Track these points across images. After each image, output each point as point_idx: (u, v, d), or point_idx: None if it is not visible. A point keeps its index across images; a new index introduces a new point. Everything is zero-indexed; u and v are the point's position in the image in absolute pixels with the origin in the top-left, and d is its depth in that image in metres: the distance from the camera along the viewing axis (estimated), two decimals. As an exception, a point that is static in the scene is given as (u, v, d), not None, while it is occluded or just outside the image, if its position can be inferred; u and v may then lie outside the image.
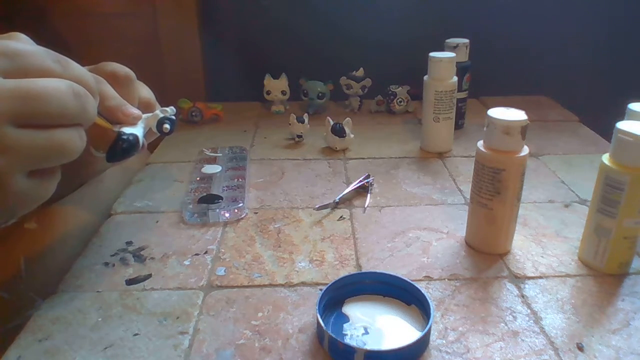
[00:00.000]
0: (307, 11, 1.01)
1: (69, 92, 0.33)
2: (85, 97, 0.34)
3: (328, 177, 0.71)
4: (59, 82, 0.33)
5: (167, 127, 0.46)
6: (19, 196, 0.33)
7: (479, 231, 0.53)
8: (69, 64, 0.34)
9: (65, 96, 0.32)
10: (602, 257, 0.49)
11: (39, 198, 0.35)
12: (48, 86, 0.32)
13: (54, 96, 0.32)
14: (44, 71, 0.33)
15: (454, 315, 0.44)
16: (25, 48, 0.33)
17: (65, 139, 0.33)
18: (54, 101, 0.32)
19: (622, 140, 0.45)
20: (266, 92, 0.95)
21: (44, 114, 0.32)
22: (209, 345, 0.41)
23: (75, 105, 0.33)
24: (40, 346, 0.41)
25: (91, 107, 0.35)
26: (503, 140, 0.48)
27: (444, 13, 1.00)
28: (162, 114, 0.47)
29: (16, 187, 0.32)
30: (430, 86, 0.74)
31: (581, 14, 1.01)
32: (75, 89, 0.33)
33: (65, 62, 0.34)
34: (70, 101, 0.33)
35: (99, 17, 1.02)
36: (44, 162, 0.33)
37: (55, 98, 0.32)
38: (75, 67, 0.35)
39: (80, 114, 0.34)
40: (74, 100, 0.33)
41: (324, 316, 0.42)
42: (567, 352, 0.40)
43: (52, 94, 0.32)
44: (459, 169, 0.73)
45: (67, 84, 0.33)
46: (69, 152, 0.34)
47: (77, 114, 0.34)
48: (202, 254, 0.53)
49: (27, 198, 0.34)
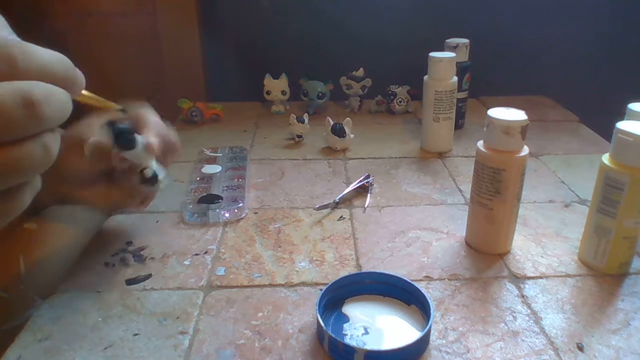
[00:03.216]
0: (307, 11, 1.01)
1: (14, 105, 0.25)
2: (45, 101, 0.26)
3: (328, 177, 0.71)
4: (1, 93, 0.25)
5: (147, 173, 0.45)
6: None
7: (479, 231, 0.53)
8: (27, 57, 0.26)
9: (10, 110, 0.25)
10: (602, 257, 0.49)
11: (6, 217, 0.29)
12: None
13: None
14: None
15: (454, 315, 0.44)
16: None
17: (18, 157, 0.26)
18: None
19: (622, 140, 0.45)
20: (266, 92, 0.95)
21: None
22: (209, 345, 0.41)
23: (27, 116, 0.26)
24: (40, 346, 0.41)
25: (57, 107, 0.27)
26: (503, 140, 0.48)
27: (444, 13, 1.01)
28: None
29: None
30: (430, 86, 0.74)
31: (581, 14, 1.01)
32: (25, 97, 0.25)
33: (21, 56, 0.26)
34: (18, 115, 0.25)
35: (99, 17, 1.02)
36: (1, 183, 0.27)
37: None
38: (32, 59, 0.26)
39: (36, 125, 0.26)
40: (22, 113, 0.25)
41: (324, 316, 0.42)
42: (567, 352, 0.40)
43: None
44: (459, 169, 0.73)
45: (13, 93, 0.25)
46: (28, 169, 0.27)
47: (31, 126, 0.26)
48: (202, 254, 0.53)
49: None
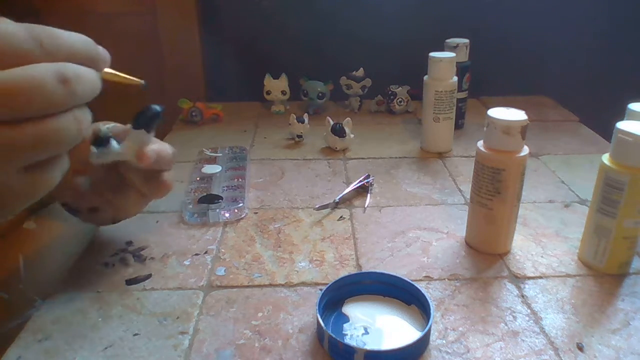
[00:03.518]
0: (307, 11, 1.01)
1: (51, 80, 0.29)
2: (77, 79, 0.30)
3: (328, 177, 0.71)
4: (39, 70, 0.28)
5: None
6: (16, 192, 0.31)
7: (479, 231, 0.53)
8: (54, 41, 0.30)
9: (48, 86, 0.28)
10: (602, 257, 0.49)
11: (37, 192, 0.33)
12: (25, 78, 0.28)
13: (33, 89, 0.28)
14: (21, 56, 0.28)
15: (454, 315, 0.44)
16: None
17: (55, 129, 0.30)
18: (35, 94, 0.28)
19: (622, 140, 0.45)
20: (266, 92, 0.95)
21: (24, 109, 0.28)
22: (209, 345, 0.41)
23: (62, 93, 0.29)
24: (40, 346, 0.41)
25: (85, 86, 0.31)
26: (503, 140, 0.48)
27: (444, 13, 1.01)
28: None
29: (11, 183, 0.30)
30: (430, 86, 0.74)
31: (581, 14, 1.01)
32: (60, 74, 0.29)
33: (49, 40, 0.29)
34: (56, 90, 0.29)
35: (99, 17, 1.02)
36: (35, 156, 0.30)
37: (35, 90, 0.28)
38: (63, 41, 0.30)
39: (71, 100, 0.30)
40: (59, 88, 0.29)
41: (324, 316, 0.42)
42: (567, 352, 0.40)
43: (30, 86, 0.28)
44: (459, 169, 0.73)
45: (50, 70, 0.29)
46: (63, 140, 0.31)
47: (66, 101, 0.30)
48: (202, 254, 0.53)
49: (23, 194, 0.32)
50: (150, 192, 0.47)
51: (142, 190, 0.47)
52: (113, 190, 0.47)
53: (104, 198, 0.47)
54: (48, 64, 0.29)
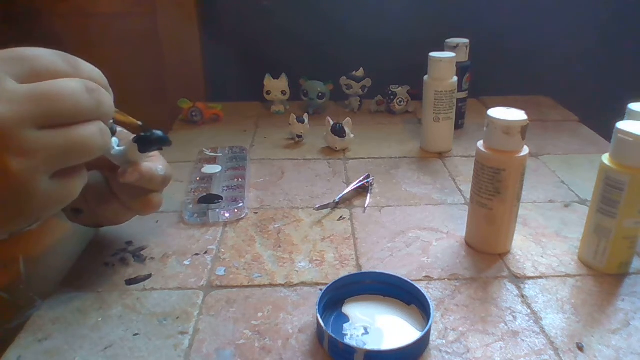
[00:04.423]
0: (307, 11, 1.01)
1: (81, 90, 0.34)
2: (99, 92, 0.35)
3: (328, 177, 0.71)
4: (70, 81, 0.34)
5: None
6: (43, 198, 0.33)
7: (479, 231, 0.53)
8: (78, 63, 0.36)
9: (79, 94, 0.33)
10: (602, 257, 0.49)
11: (63, 200, 0.35)
12: (61, 86, 0.33)
13: (67, 95, 0.33)
14: (55, 72, 0.34)
15: (454, 315, 0.44)
16: (35, 52, 0.34)
17: (85, 135, 0.34)
18: (68, 100, 0.33)
19: (622, 140, 0.45)
20: (266, 92, 0.95)
21: (59, 113, 0.33)
22: (209, 345, 0.41)
23: (90, 101, 0.34)
24: (40, 346, 0.41)
25: (106, 101, 0.36)
26: (503, 140, 0.48)
27: (444, 13, 1.01)
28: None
29: (42, 188, 0.33)
30: (430, 86, 0.74)
31: (581, 14, 1.01)
32: (87, 86, 0.34)
33: (75, 62, 0.35)
34: (84, 98, 0.34)
35: (99, 17, 1.02)
36: (67, 161, 0.34)
37: (69, 97, 0.33)
38: (86, 66, 0.36)
39: (96, 109, 0.35)
40: (87, 97, 0.34)
41: (324, 316, 0.42)
42: (567, 352, 0.40)
43: (65, 93, 0.33)
44: (459, 169, 0.73)
45: (79, 81, 0.34)
46: (91, 147, 0.35)
47: (93, 109, 0.35)
48: (202, 254, 0.53)
49: (51, 200, 0.34)
50: (134, 208, 0.48)
51: (126, 204, 0.48)
52: (97, 198, 0.48)
53: (88, 204, 0.48)
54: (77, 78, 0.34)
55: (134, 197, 0.47)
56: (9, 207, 0.33)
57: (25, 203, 0.33)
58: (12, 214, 0.33)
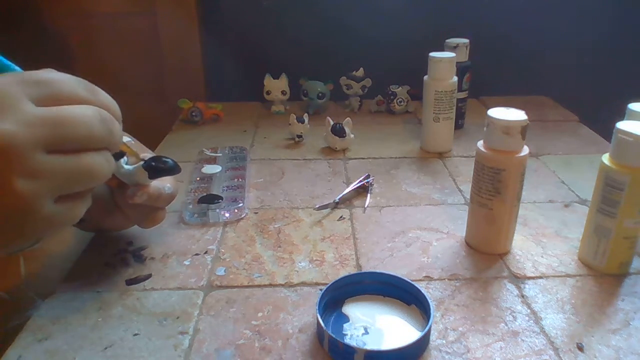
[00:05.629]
0: (307, 11, 1.01)
1: (95, 118, 0.34)
2: (111, 122, 0.36)
3: (328, 177, 0.71)
4: (86, 109, 0.34)
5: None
6: (45, 221, 0.34)
7: (479, 231, 0.53)
8: (96, 91, 0.36)
9: (93, 121, 0.34)
10: (602, 257, 0.49)
11: (65, 223, 0.36)
12: (76, 112, 0.33)
13: (81, 122, 0.33)
14: (73, 98, 0.34)
15: (454, 315, 0.44)
16: (56, 77, 0.34)
17: (92, 163, 0.34)
18: (82, 126, 0.33)
19: (622, 140, 0.45)
20: (266, 92, 0.95)
21: (72, 139, 0.33)
22: (209, 345, 0.41)
23: (102, 129, 0.35)
24: (40, 346, 0.41)
25: (116, 131, 0.37)
26: (503, 140, 0.48)
27: (444, 13, 1.01)
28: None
29: (45, 212, 0.33)
30: (430, 86, 0.74)
31: (581, 14, 1.01)
32: (101, 115, 0.35)
33: (92, 90, 0.36)
34: (97, 126, 0.34)
35: (99, 17, 1.02)
36: (72, 186, 0.34)
37: (82, 123, 0.33)
38: (103, 94, 0.37)
39: (107, 138, 0.35)
40: (100, 125, 0.34)
41: (324, 316, 0.42)
42: (567, 352, 0.40)
43: (79, 119, 0.33)
44: (459, 169, 0.73)
45: (94, 110, 0.35)
46: (97, 175, 0.35)
47: (104, 138, 0.35)
48: (202, 254, 0.53)
49: (53, 223, 0.34)
50: (137, 221, 0.50)
51: (130, 217, 0.49)
52: (101, 209, 0.48)
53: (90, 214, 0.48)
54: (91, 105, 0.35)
55: (139, 212, 0.48)
56: (11, 227, 0.33)
57: (27, 224, 0.33)
58: (13, 235, 0.34)
